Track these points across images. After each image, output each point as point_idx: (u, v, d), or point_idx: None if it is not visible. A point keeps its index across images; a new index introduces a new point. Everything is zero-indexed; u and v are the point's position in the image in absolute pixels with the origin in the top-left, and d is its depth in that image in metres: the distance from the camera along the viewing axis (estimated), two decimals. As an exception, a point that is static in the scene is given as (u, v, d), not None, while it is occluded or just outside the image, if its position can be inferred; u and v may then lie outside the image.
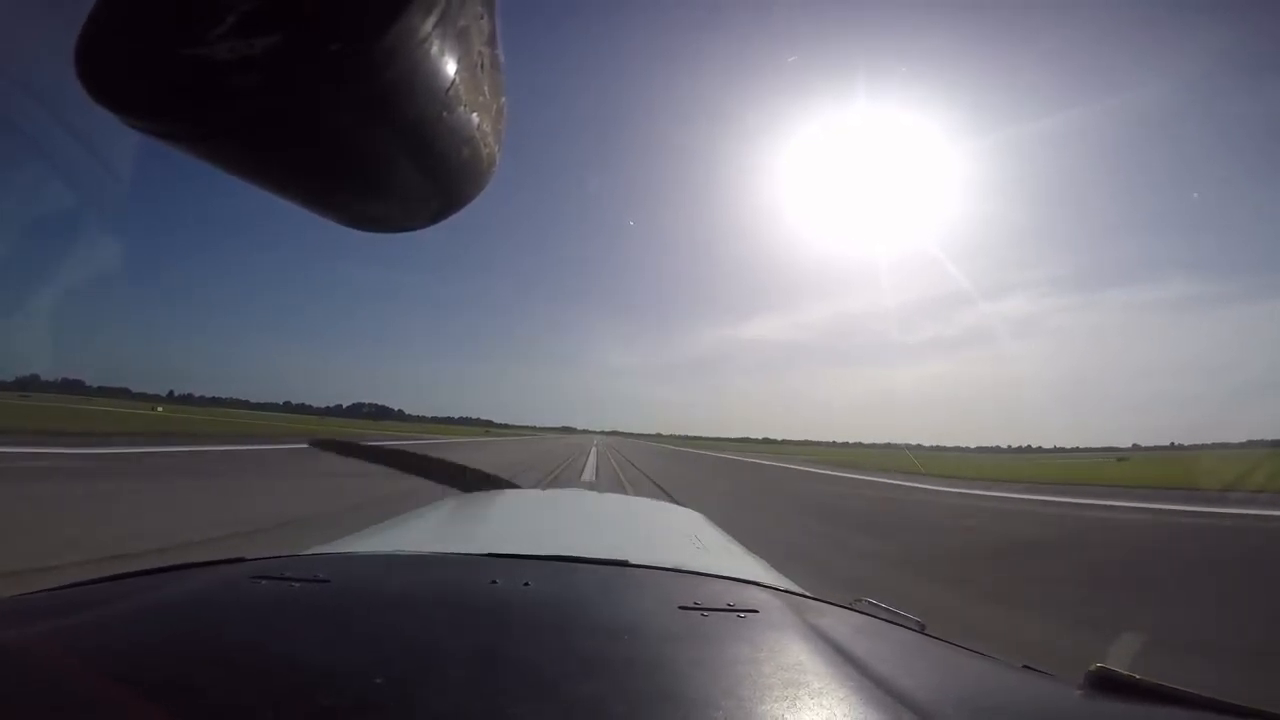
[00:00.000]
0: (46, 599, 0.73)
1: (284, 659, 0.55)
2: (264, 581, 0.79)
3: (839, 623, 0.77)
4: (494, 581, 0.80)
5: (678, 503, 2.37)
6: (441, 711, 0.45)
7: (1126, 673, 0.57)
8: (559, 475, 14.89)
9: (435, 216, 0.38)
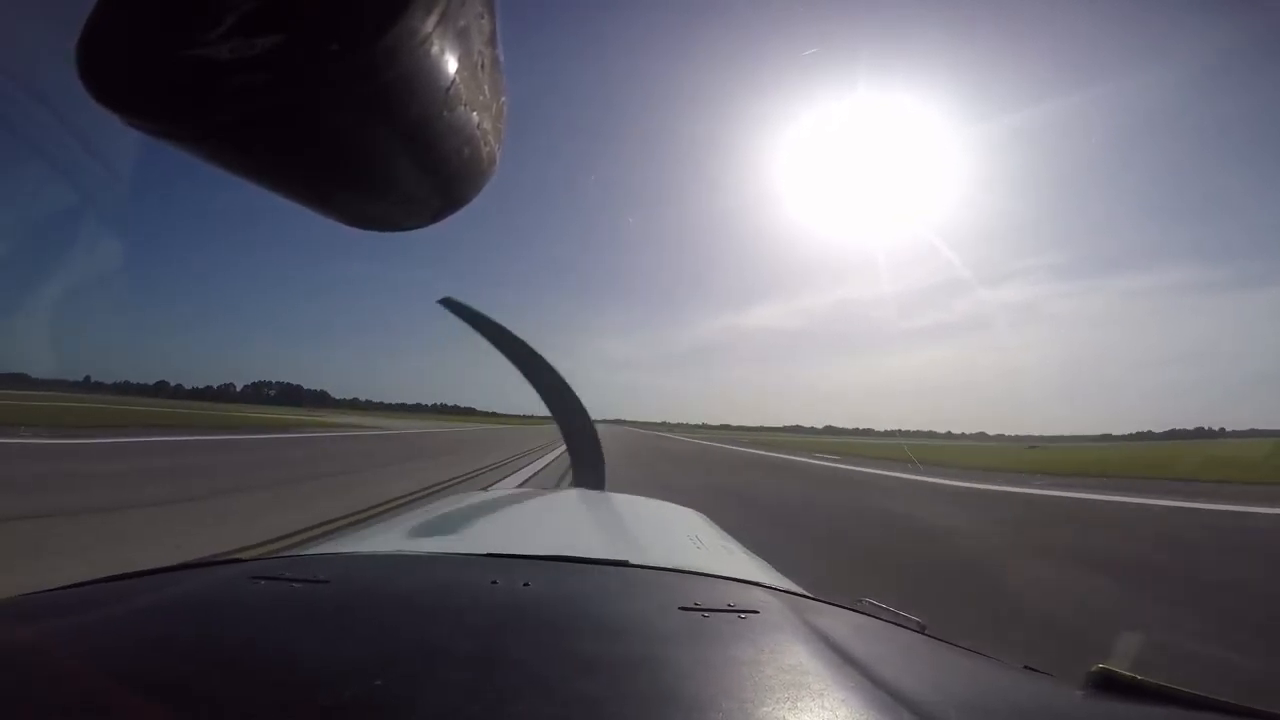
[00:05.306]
0: (46, 599, 0.72)
1: (283, 660, 0.55)
2: (263, 582, 0.78)
3: (839, 623, 0.77)
4: (494, 582, 0.80)
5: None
6: (441, 712, 0.45)
7: (1128, 673, 0.57)
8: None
9: (436, 215, 0.38)
